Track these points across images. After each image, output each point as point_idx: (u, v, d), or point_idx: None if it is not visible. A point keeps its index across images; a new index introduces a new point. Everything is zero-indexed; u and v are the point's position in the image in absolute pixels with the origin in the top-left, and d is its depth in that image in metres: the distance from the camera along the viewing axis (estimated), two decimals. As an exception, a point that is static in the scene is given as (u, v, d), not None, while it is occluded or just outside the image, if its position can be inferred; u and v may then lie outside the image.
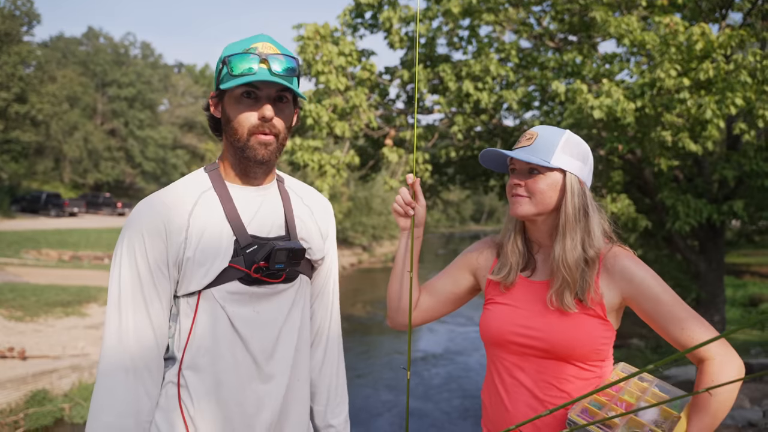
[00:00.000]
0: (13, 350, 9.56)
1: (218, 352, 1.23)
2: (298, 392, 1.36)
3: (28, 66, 28.71)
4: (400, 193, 1.48)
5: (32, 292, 13.13)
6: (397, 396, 11.92)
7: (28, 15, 30.58)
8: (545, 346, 1.33)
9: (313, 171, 6.98)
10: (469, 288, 1.55)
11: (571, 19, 7.88)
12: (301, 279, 1.35)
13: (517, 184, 1.37)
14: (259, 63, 1.21)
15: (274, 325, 1.28)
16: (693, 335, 1.28)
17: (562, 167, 1.35)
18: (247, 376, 1.25)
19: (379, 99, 8.22)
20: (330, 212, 1.50)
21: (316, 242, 1.40)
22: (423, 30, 7.69)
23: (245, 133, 1.23)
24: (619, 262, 1.35)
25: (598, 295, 1.33)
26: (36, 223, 25.64)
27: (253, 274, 1.23)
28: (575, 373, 1.34)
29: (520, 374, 1.37)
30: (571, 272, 1.32)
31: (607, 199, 7.46)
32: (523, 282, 1.42)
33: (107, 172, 37.86)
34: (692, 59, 5.83)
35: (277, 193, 1.36)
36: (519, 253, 1.44)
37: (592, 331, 1.32)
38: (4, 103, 24.37)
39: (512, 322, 1.38)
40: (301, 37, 7.06)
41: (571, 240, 1.33)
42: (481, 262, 1.52)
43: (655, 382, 1.42)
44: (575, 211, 1.35)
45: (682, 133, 6.30)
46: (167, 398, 1.24)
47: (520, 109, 7.78)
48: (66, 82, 34.89)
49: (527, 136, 1.40)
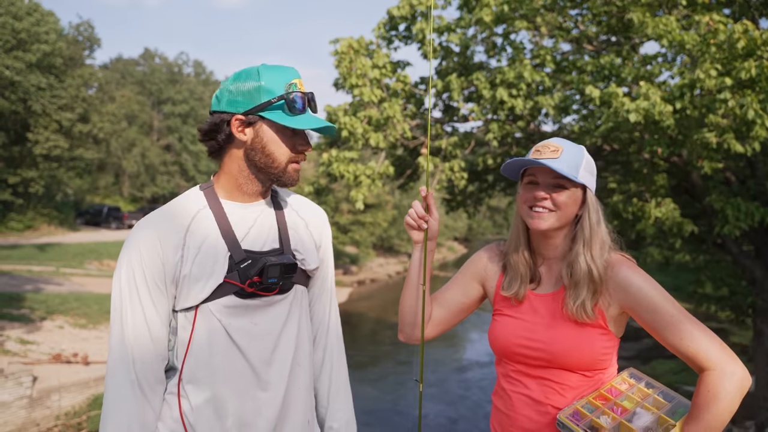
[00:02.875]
0: (77, 356, 10.14)
1: (216, 364, 1.27)
2: (298, 400, 1.38)
3: (90, 87, 30.51)
4: (413, 206, 1.50)
5: (95, 301, 13.90)
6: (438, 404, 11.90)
7: (89, 40, 32.56)
8: (548, 356, 1.39)
9: (348, 182, 7.14)
10: (477, 297, 1.59)
11: (610, 21, 7.73)
12: (297, 289, 1.39)
13: (543, 197, 1.39)
14: (306, 104, 1.32)
15: (271, 335, 1.33)
16: (693, 344, 1.28)
17: (585, 183, 1.41)
18: (246, 386, 1.29)
19: (414, 109, 8.32)
20: (325, 222, 1.55)
21: (311, 253, 1.43)
22: (456, 39, 7.74)
23: (284, 162, 1.32)
24: (617, 272, 1.39)
25: (600, 305, 1.38)
26: (98, 235, 27.12)
27: (247, 288, 1.28)
28: (577, 380, 1.38)
29: (525, 380, 1.43)
30: (598, 282, 1.36)
31: (651, 204, 7.24)
32: (529, 295, 1.46)
33: (163, 186, 39.67)
34: (735, 58, 5.62)
35: (272, 208, 1.41)
36: (527, 266, 1.47)
37: (593, 342, 1.36)
38: (69, 123, 25.99)
39: (517, 334, 1.44)
40: (337, 52, 7.27)
41: (595, 250, 1.38)
42: (489, 272, 1.56)
43: (660, 389, 1.42)
44: (595, 224, 1.40)
45: (727, 134, 6.07)
46: (169, 409, 1.29)
47: (557, 115, 7.68)
48: (124, 102, 36.83)
49: (551, 148, 1.40)
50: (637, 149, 7.45)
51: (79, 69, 27.75)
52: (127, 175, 38.89)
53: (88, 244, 23.46)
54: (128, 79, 44.39)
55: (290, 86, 1.30)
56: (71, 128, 26.34)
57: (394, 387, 12.71)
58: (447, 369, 14.45)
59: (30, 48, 24.41)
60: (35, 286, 15.15)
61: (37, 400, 8.57)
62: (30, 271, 17.22)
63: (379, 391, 11.77)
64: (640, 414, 1.31)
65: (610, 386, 1.38)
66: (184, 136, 42.79)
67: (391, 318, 18.21)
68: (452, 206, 10.30)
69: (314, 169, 10.90)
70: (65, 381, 9.06)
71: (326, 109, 7.69)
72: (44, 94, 25.07)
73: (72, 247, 22.24)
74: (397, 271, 32.76)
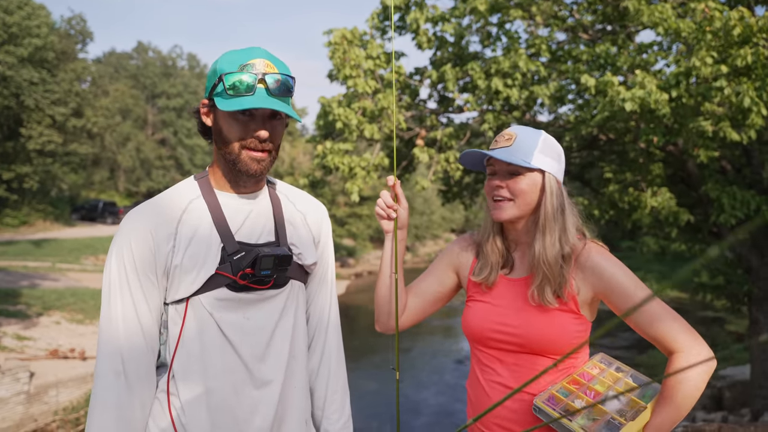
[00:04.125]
0: (74, 351, 10.13)
1: (207, 359, 1.23)
2: (295, 399, 1.34)
3: (84, 82, 30.27)
4: (381, 195, 1.49)
5: (91, 296, 13.87)
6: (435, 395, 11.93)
7: (82, 33, 32.27)
8: (521, 341, 1.39)
9: (343, 174, 7.10)
10: (453, 286, 1.59)
11: (605, 10, 7.69)
12: (293, 285, 1.34)
13: (499, 186, 1.41)
14: (257, 82, 1.20)
15: (264, 331, 1.28)
16: (661, 328, 1.31)
17: (541, 168, 1.39)
18: (240, 382, 1.25)
19: (409, 100, 8.26)
20: (325, 217, 1.49)
21: (308, 248, 1.38)
22: (450, 29, 7.68)
23: (237, 148, 1.23)
24: (590, 258, 1.39)
25: (572, 291, 1.38)
26: (94, 230, 27.03)
27: (239, 280, 1.23)
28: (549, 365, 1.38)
29: (498, 367, 1.43)
30: (551, 268, 1.36)
31: (647, 193, 7.23)
32: (501, 280, 1.47)
33: (159, 180, 39.49)
34: (730, 45, 5.59)
35: (268, 200, 1.36)
36: (498, 253, 1.48)
37: (566, 326, 1.37)
38: (63, 117, 25.81)
39: (491, 320, 1.44)
40: (330, 43, 7.20)
41: (550, 237, 1.38)
42: (462, 260, 1.57)
43: (630, 373, 1.45)
44: (554, 210, 1.40)
45: (723, 123, 6.05)
46: (160, 405, 1.25)
47: (553, 104, 7.65)
48: (118, 96, 36.60)
49: (505, 136, 1.41)
50: (633, 138, 7.43)
51: (72, 63, 27.52)
52: (122, 170, 38.71)
53: (83, 239, 23.39)
54: (122, 73, 44.06)
55: (244, 67, 1.21)
56: (65, 123, 26.16)
57: (391, 379, 12.74)
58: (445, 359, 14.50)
59: (21, 42, 24.18)
60: (31, 281, 15.10)
61: (35, 396, 8.56)
62: (26, 267, 17.16)
63: (378, 384, 11.79)
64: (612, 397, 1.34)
65: (582, 371, 1.40)
66: (179, 130, 42.57)
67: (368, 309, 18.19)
68: (448, 198, 10.27)
69: (309, 161, 10.85)
70: (62, 376, 9.05)
71: (320, 101, 7.63)
72: (37, 88, 24.87)
73: (68, 243, 22.17)
74: (394, 263, 32.77)
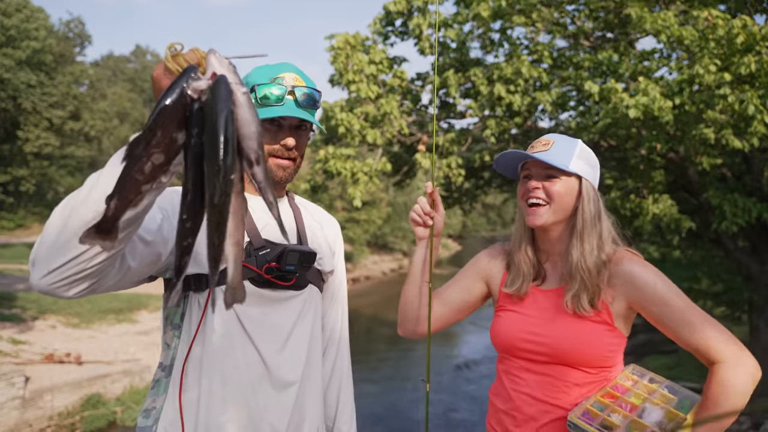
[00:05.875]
0: (69, 356, 10.04)
1: (226, 350, 1.25)
2: (310, 404, 1.36)
3: (81, 85, 30.24)
4: (418, 201, 1.48)
5: (87, 301, 13.74)
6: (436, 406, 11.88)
7: (80, 36, 32.26)
8: (552, 351, 1.36)
9: (345, 179, 7.08)
10: (481, 296, 1.57)
11: (607, 17, 7.71)
12: (311, 289, 1.38)
13: (536, 187, 1.39)
14: (286, 94, 1.29)
15: (282, 330, 1.30)
16: (704, 337, 1.27)
17: (578, 173, 1.38)
18: (257, 378, 1.26)
19: (411, 105, 8.26)
20: (338, 231, 1.56)
21: (327, 254, 1.44)
22: (453, 35, 7.69)
23: (265, 155, 1.30)
24: (623, 267, 1.36)
25: (606, 300, 1.34)
26: (90, 234, 26.86)
27: (264, 274, 1.26)
28: (581, 378, 1.35)
29: (527, 377, 1.40)
30: (590, 276, 1.33)
31: (649, 200, 7.23)
32: (533, 291, 1.45)
33: (156, 184, 39.36)
34: (733, 53, 5.61)
35: (289, 207, 1.43)
36: (530, 263, 1.46)
37: (599, 338, 1.33)
38: (60, 120, 25.76)
39: (522, 329, 1.41)
40: (333, 48, 7.20)
41: (589, 244, 1.36)
42: (493, 270, 1.55)
43: (664, 384, 1.41)
44: (592, 216, 1.38)
45: (725, 130, 6.06)
46: (172, 398, 1.25)
47: (554, 111, 7.66)
48: (116, 99, 36.54)
49: (543, 142, 1.41)
50: (635, 145, 7.44)
51: (70, 66, 27.50)
52: (119, 173, 38.56)
53: (80, 242, 23.26)
54: (120, 76, 44.01)
55: (275, 80, 1.30)
56: (62, 126, 26.11)
57: (392, 386, 12.68)
58: (449, 367, 14.45)
59: (20, 45, 24.14)
60: (27, 285, 14.98)
61: (30, 401, 8.46)
62: (21, 270, 17.05)
63: (379, 389, 11.73)
64: (650, 410, 1.30)
65: (615, 383, 1.36)
66: (176, 134, 42.51)
67: (386, 315, 18.19)
68: (448, 203, 10.27)
69: (309, 166, 10.85)
70: (58, 381, 8.95)
71: (322, 106, 7.62)
72: (34, 91, 24.81)
73: (64, 246, 22.04)
74: (391, 268, 32.73)
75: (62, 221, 0.93)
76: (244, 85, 0.76)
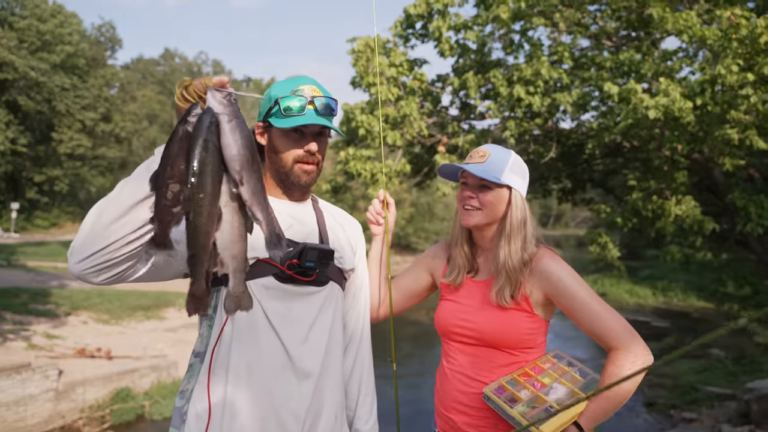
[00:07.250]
0: (100, 351, 10.36)
1: (252, 340, 1.35)
2: (331, 395, 1.44)
3: (112, 87, 31.06)
4: (372, 203, 1.77)
5: (116, 297, 14.17)
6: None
7: (111, 40, 33.15)
8: (479, 335, 1.56)
9: (366, 180, 7.18)
10: (427, 286, 1.79)
11: (629, 17, 7.64)
12: (332, 286, 1.48)
13: (471, 197, 1.59)
14: (307, 104, 1.41)
15: (304, 323, 1.40)
16: (602, 325, 1.45)
17: (509, 184, 1.57)
18: (280, 367, 1.35)
19: (431, 107, 8.32)
20: (360, 232, 1.67)
21: (347, 253, 1.54)
22: (473, 37, 7.72)
23: (291, 162, 1.43)
24: (541, 263, 1.54)
25: (525, 292, 1.54)
26: (120, 232, 27.53)
27: (286, 270, 1.36)
28: (505, 359, 1.55)
29: (460, 357, 1.61)
30: (514, 272, 1.53)
31: (671, 201, 7.15)
32: (467, 282, 1.65)
33: (183, 184, 40.13)
34: (757, 53, 5.52)
35: (312, 209, 1.53)
36: (465, 257, 1.66)
37: (519, 324, 1.53)
38: (92, 122, 26.51)
39: (455, 316, 1.62)
40: (353, 51, 7.31)
41: (514, 246, 1.55)
42: (436, 264, 1.76)
43: (578, 367, 1.60)
44: (518, 221, 1.56)
45: (749, 131, 5.97)
46: (200, 387, 1.35)
47: (575, 112, 7.62)
48: (145, 101, 37.42)
49: (480, 153, 1.60)
50: (657, 146, 7.36)
51: (102, 69, 28.28)
52: (148, 174, 39.41)
53: (110, 241, 23.85)
54: (149, 78, 45.03)
55: (296, 92, 1.41)
56: (94, 127, 26.87)
57: (414, 384, 12.73)
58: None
59: (54, 49, 24.94)
60: (60, 282, 15.51)
61: (63, 394, 8.79)
62: (55, 267, 17.63)
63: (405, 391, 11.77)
64: (556, 388, 1.50)
65: (534, 365, 1.55)
66: (203, 135, 43.25)
67: (408, 314, 18.23)
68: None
69: (332, 167, 10.98)
70: (89, 375, 9.26)
71: (343, 108, 7.73)
72: (68, 94, 25.59)
73: (95, 245, 22.64)
74: (414, 268, 32.66)
75: (95, 218, 1.13)
76: (234, 115, 0.92)
